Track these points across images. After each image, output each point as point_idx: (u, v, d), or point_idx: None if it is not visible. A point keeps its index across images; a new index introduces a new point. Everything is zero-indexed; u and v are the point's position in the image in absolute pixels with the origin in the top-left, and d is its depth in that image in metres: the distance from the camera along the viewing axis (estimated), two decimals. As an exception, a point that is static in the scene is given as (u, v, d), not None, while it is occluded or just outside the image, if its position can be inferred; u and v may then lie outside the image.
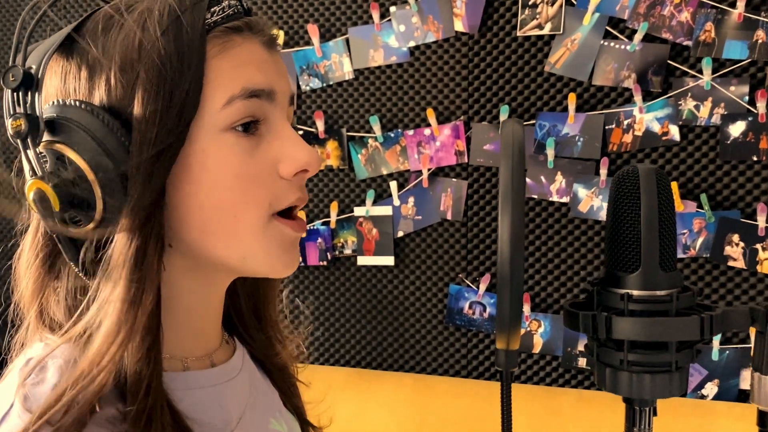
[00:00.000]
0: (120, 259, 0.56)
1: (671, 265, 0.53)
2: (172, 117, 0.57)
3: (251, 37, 0.63)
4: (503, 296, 0.49)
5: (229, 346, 0.76)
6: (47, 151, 0.57)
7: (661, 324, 0.51)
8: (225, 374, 0.71)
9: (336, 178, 1.86)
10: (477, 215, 1.77)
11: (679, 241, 1.63)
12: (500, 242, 0.49)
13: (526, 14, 1.69)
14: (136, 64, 0.57)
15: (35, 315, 0.62)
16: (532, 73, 1.71)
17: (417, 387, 1.77)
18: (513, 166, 0.49)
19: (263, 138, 0.63)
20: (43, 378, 0.57)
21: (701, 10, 1.59)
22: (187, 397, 0.63)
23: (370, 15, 1.79)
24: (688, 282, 1.64)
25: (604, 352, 0.54)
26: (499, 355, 0.56)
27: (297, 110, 1.87)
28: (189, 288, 0.65)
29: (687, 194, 1.63)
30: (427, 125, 1.77)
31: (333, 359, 1.91)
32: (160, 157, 0.56)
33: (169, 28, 0.58)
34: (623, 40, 1.64)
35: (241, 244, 0.62)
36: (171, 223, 0.60)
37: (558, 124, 1.70)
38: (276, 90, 0.64)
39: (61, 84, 0.60)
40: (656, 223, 0.52)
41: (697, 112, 1.61)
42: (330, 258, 1.87)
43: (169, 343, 0.63)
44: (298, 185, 0.65)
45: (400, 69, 1.79)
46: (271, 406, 0.79)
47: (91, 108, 0.57)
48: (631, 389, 0.53)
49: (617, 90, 1.66)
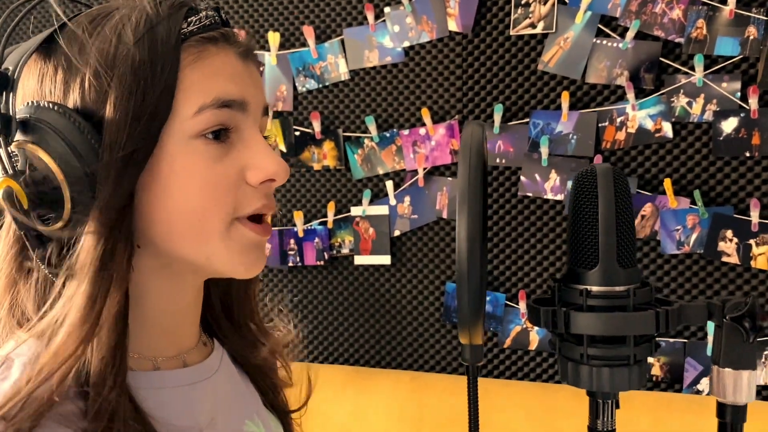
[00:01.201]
0: (87, 259, 0.57)
1: (629, 262, 0.55)
2: (143, 122, 0.58)
3: (226, 47, 0.65)
4: (462, 293, 0.51)
5: (206, 347, 0.77)
6: (19, 151, 0.59)
7: (618, 319, 0.53)
8: (197, 374, 0.71)
9: (333, 178, 1.88)
10: (472, 213, 1.79)
11: (673, 237, 1.64)
12: (458, 241, 0.51)
13: (519, 13, 1.71)
14: (110, 70, 0.58)
15: (6, 309, 0.63)
16: (526, 71, 1.72)
17: (415, 385, 1.79)
18: (470, 167, 0.51)
19: (234, 146, 0.64)
20: (8, 375, 0.58)
21: (692, 7, 1.59)
22: (153, 396, 0.64)
23: (364, 16, 1.81)
24: (682, 278, 1.65)
25: (566, 347, 0.56)
26: (464, 350, 0.58)
27: (294, 111, 1.89)
28: (158, 288, 0.66)
29: (680, 191, 1.64)
30: (423, 125, 1.79)
31: (332, 357, 1.93)
32: (130, 160, 0.58)
33: (145, 36, 0.59)
34: (615, 38, 1.65)
35: (206, 246, 0.64)
36: (139, 224, 0.61)
37: (552, 122, 1.71)
38: (248, 101, 0.65)
39: (37, 85, 0.61)
40: (613, 221, 0.54)
41: (690, 108, 1.61)
42: (327, 258, 1.89)
43: (139, 342, 0.64)
44: (264, 193, 0.66)
45: (395, 69, 1.81)
46: (248, 407, 0.79)
47: (64, 110, 0.58)
48: (591, 382, 0.55)
49: (610, 88, 1.67)
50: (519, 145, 1.74)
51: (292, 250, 1.91)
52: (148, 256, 0.64)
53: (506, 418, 1.68)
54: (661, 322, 0.53)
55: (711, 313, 0.55)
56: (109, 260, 0.57)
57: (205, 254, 0.64)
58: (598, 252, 0.54)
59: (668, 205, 1.63)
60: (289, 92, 1.89)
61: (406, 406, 1.75)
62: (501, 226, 1.77)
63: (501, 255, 1.78)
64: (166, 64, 0.59)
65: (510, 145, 1.74)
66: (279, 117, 1.90)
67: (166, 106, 0.59)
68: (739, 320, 0.53)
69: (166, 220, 0.62)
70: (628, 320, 0.53)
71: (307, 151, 1.88)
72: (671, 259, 1.66)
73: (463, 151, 0.52)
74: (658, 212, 1.64)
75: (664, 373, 1.68)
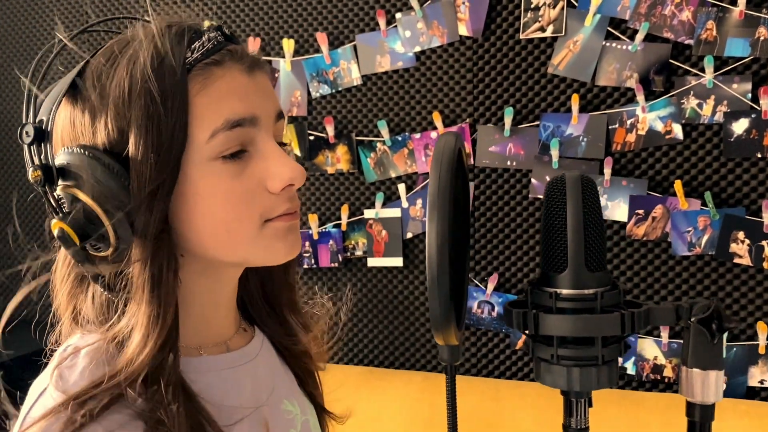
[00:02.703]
0: (139, 280, 0.64)
1: (598, 266, 0.57)
2: (163, 155, 0.62)
3: (232, 66, 0.67)
4: (432, 297, 0.53)
5: (247, 333, 0.82)
6: (64, 194, 0.64)
7: (585, 320, 0.55)
8: (240, 358, 0.76)
9: (346, 182, 1.91)
10: (484, 216, 1.81)
11: (684, 238, 1.64)
12: (428, 247, 0.53)
13: (529, 17, 1.72)
14: (126, 110, 0.63)
15: (69, 318, 0.71)
16: (536, 75, 1.73)
17: (426, 385, 1.81)
18: (440, 174, 0.53)
19: (251, 159, 0.68)
20: (76, 363, 0.65)
21: (702, 9, 1.59)
22: (200, 379, 0.70)
23: (376, 22, 1.84)
24: (694, 280, 1.65)
25: (538, 347, 0.58)
26: (441, 350, 0.61)
27: (308, 116, 1.93)
28: (201, 287, 0.72)
29: (691, 192, 1.64)
30: (434, 128, 1.81)
31: (347, 358, 1.96)
32: (158, 192, 0.63)
33: (153, 73, 0.63)
34: (625, 41, 1.66)
35: (240, 251, 0.69)
36: (178, 240, 0.67)
37: (562, 124, 1.72)
38: (258, 115, 0.68)
39: (71, 128, 0.66)
40: (581, 226, 0.56)
41: (700, 110, 1.61)
42: (341, 259, 1.92)
43: (185, 333, 0.69)
44: (286, 197, 0.70)
45: (406, 74, 1.84)
46: (285, 388, 0.84)
47: (93, 153, 0.63)
48: (562, 382, 0.57)
49: (620, 90, 1.68)
50: (529, 147, 1.75)
51: (307, 253, 1.94)
52: (192, 263, 0.70)
53: (519, 419, 1.70)
54: (626, 323, 0.54)
55: (679, 316, 0.56)
56: (158, 281, 0.63)
57: (242, 256, 0.70)
58: (567, 256, 0.56)
59: (679, 207, 1.63)
60: (303, 98, 1.92)
61: (418, 406, 1.77)
62: (512, 228, 1.78)
63: (512, 257, 1.79)
64: (175, 98, 0.63)
65: (521, 147, 1.76)
66: (294, 122, 1.94)
67: (182, 137, 0.63)
68: (704, 322, 0.55)
69: (201, 237, 0.67)
70: (596, 322, 0.55)
71: (321, 155, 1.92)
72: (682, 261, 1.66)
73: (434, 160, 0.55)
74: (669, 214, 1.64)
75: (676, 375, 1.68)
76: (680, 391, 0.58)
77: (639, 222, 1.67)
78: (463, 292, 0.66)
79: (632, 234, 1.68)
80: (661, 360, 1.69)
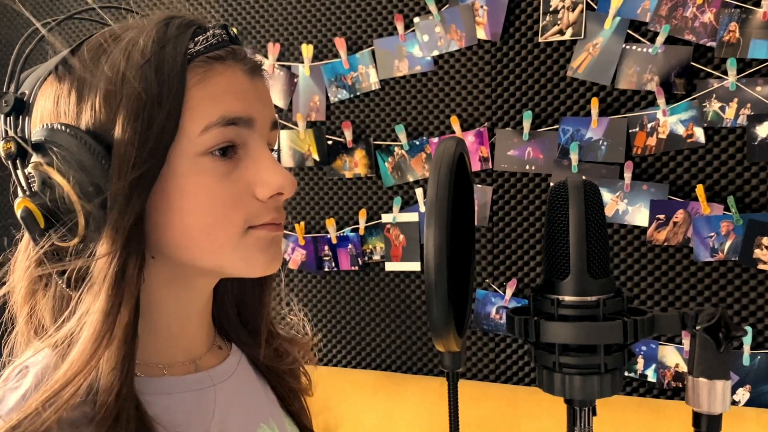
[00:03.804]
0: (101, 275, 0.59)
1: (602, 272, 0.56)
2: (150, 142, 0.60)
3: (233, 65, 0.66)
4: (431, 304, 0.52)
5: (221, 351, 0.77)
6: (35, 172, 0.61)
7: (586, 328, 0.54)
8: (209, 379, 0.72)
9: (364, 186, 1.91)
10: (502, 220, 1.79)
11: (707, 244, 1.61)
12: (425, 253, 0.52)
13: (548, 20, 1.71)
14: (118, 92, 0.60)
15: (25, 318, 0.65)
16: (555, 78, 1.72)
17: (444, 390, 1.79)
18: (438, 180, 0.53)
19: (241, 161, 0.65)
20: (20, 384, 0.60)
21: (725, 11, 1.56)
22: (160, 401, 0.65)
23: (394, 26, 1.84)
24: (716, 286, 1.62)
25: (540, 355, 0.57)
26: (444, 357, 0.60)
27: (327, 121, 1.93)
28: (169, 296, 0.68)
29: (714, 197, 1.61)
30: (452, 132, 1.81)
31: (365, 362, 1.95)
32: (138, 182, 0.59)
33: (152, 58, 0.61)
34: (645, 43, 1.63)
35: (217, 257, 0.65)
36: (152, 237, 0.63)
37: (581, 128, 1.70)
38: (255, 117, 0.65)
39: (53, 106, 0.63)
40: (584, 232, 0.55)
41: (723, 113, 1.58)
42: (361, 263, 1.92)
43: (148, 349, 0.65)
44: (273, 206, 0.67)
45: (424, 78, 1.83)
46: (263, 411, 0.79)
47: (75, 132, 0.59)
48: (564, 390, 0.56)
49: (640, 93, 1.65)
50: (549, 151, 1.73)
51: (327, 256, 1.95)
52: (161, 266, 0.66)
53: (537, 425, 1.68)
54: (629, 331, 0.53)
55: (684, 324, 0.55)
56: (121, 277, 0.59)
57: (219, 263, 0.66)
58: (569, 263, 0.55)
59: (701, 212, 1.60)
60: (321, 102, 1.93)
61: (435, 411, 1.76)
62: (531, 233, 1.77)
63: (531, 262, 1.78)
64: (172, 86, 0.61)
65: (540, 152, 1.74)
66: (312, 127, 1.94)
67: (173, 126, 0.61)
68: (709, 331, 0.54)
69: (178, 236, 0.64)
70: (597, 330, 0.54)
71: (339, 160, 1.92)
72: (705, 267, 1.63)
73: (433, 166, 0.54)
74: (691, 219, 1.62)
75: (698, 383, 1.65)
76: (687, 401, 0.57)
77: (660, 227, 1.65)
78: (466, 297, 0.65)
79: (653, 239, 1.65)
80: (683, 367, 1.66)
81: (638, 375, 1.69)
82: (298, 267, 1.98)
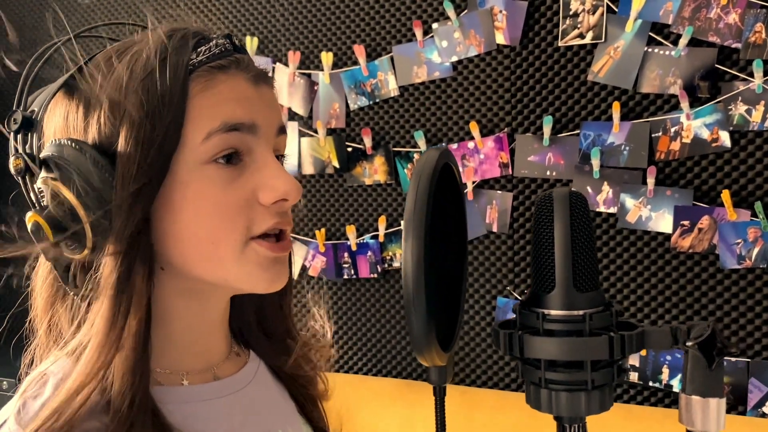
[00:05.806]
0: (106, 282, 0.60)
1: (589, 286, 0.54)
2: (153, 153, 0.60)
3: (237, 73, 0.66)
4: (410, 317, 0.51)
5: (240, 358, 0.78)
6: (44, 187, 0.62)
7: (572, 343, 0.52)
8: (228, 387, 0.72)
9: (384, 193, 1.91)
10: (523, 227, 1.77)
11: (734, 251, 1.56)
12: (404, 265, 0.51)
13: (567, 24, 1.68)
14: (122, 104, 0.61)
15: (45, 329, 0.68)
16: (575, 82, 1.69)
17: (465, 400, 1.78)
18: (417, 192, 0.52)
19: (247, 168, 0.65)
20: (41, 392, 0.61)
21: (750, 11, 1.52)
22: (179, 410, 0.65)
23: (413, 33, 1.83)
24: (744, 294, 1.57)
25: (527, 370, 0.55)
26: (431, 372, 0.59)
27: (346, 128, 1.93)
28: (184, 307, 0.68)
29: (740, 202, 1.56)
30: (471, 138, 1.79)
31: (385, 370, 1.95)
32: (142, 191, 0.60)
33: (154, 70, 0.62)
34: (668, 46, 1.60)
35: (221, 268, 0.65)
36: (159, 248, 0.64)
37: (603, 133, 1.67)
38: (258, 123, 0.65)
39: (63, 122, 0.65)
40: (569, 245, 0.53)
41: (749, 116, 1.54)
42: (380, 271, 1.91)
43: (167, 358, 0.66)
44: (276, 212, 0.67)
45: (443, 84, 1.82)
46: (282, 418, 0.79)
47: (80, 146, 0.61)
48: (551, 407, 0.54)
49: (663, 97, 1.62)
50: (569, 157, 1.71)
51: (347, 263, 1.95)
52: (172, 278, 0.66)
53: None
54: (615, 347, 0.52)
55: (676, 339, 0.53)
56: (125, 284, 0.60)
57: (222, 276, 0.66)
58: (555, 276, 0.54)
59: (727, 218, 1.56)
60: (341, 110, 1.93)
61: (456, 420, 1.74)
62: (552, 239, 1.74)
63: (552, 269, 1.74)
64: (173, 96, 0.61)
65: (560, 157, 1.72)
66: (332, 134, 1.95)
67: (175, 136, 0.62)
68: (701, 347, 0.52)
69: (181, 246, 0.64)
70: (583, 345, 0.52)
71: (359, 167, 1.92)
72: (732, 274, 1.58)
73: (413, 177, 0.53)
74: (717, 225, 1.57)
75: (726, 395, 1.60)
76: (680, 419, 0.54)
77: (684, 233, 1.61)
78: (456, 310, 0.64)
79: (677, 246, 1.61)
80: (710, 378, 1.61)
81: (663, 386, 1.65)
82: (318, 274, 1.98)
